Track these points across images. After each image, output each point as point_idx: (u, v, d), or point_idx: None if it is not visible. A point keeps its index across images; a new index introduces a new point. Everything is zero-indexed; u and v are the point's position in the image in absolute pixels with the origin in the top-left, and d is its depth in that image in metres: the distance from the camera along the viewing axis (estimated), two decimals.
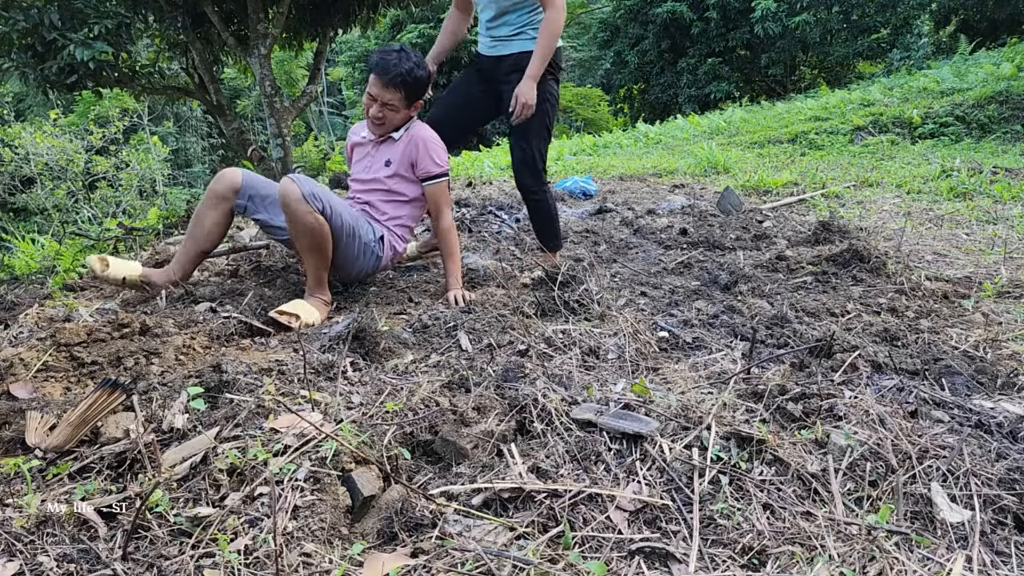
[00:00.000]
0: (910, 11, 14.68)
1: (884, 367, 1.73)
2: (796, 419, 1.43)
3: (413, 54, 2.42)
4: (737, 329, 2.08)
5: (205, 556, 1.06)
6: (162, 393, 1.59)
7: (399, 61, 2.38)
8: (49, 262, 3.88)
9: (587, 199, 5.09)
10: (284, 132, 7.85)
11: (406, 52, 2.41)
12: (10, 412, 1.50)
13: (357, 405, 1.59)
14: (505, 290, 2.52)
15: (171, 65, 8.81)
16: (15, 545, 1.08)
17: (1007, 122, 7.26)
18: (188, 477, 1.25)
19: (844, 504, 1.20)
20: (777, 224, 3.74)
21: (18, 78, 6.55)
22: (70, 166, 12.31)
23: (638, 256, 3.19)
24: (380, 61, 2.41)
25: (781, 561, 1.07)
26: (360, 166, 2.65)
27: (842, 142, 7.54)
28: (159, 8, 7.24)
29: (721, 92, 16.59)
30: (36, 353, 1.87)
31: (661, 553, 1.09)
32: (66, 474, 1.29)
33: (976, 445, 1.34)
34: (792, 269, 2.73)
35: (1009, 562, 1.08)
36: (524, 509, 1.20)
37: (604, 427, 1.37)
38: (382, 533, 1.16)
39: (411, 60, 2.40)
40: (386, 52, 2.42)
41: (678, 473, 1.26)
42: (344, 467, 1.24)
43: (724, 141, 9.07)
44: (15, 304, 2.61)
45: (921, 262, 2.85)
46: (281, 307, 2.22)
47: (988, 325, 2.04)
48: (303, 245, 2.30)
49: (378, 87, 2.42)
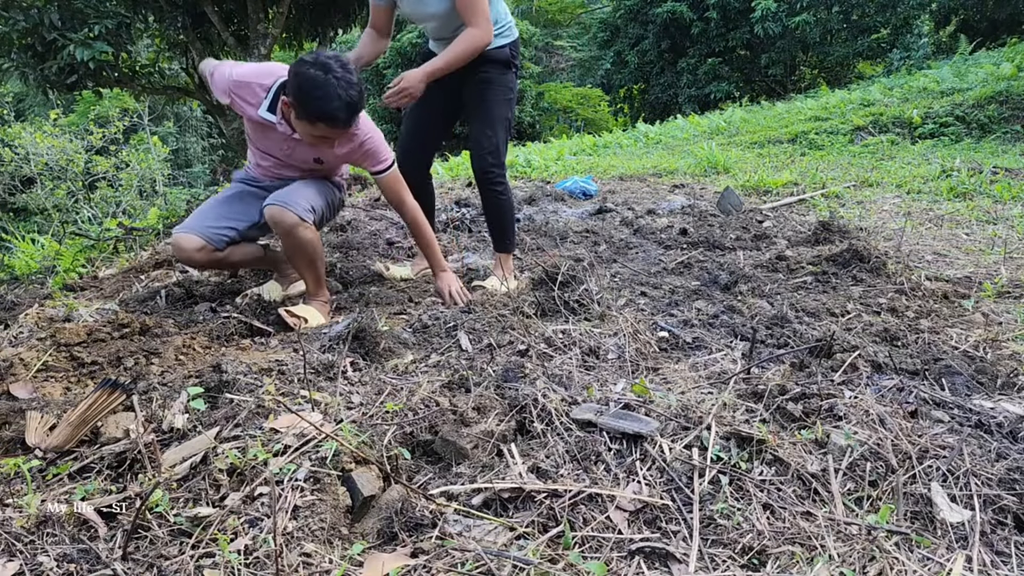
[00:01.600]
0: (910, 11, 14.68)
1: (884, 367, 1.73)
2: (796, 419, 1.43)
3: (345, 74, 2.00)
4: (737, 329, 2.08)
5: (205, 556, 1.06)
6: (162, 393, 1.59)
7: (352, 99, 2.01)
8: (49, 262, 3.88)
9: (587, 199, 5.09)
10: None
11: (343, 79, 1.99)
12: (10, 412, 1.50)
13: (357, 405, 1.59)
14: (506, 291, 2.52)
15: (171, 65, 8.82)
16: (15, 545, 1.08)
17: (1007, 122, 7.26)
18: (188, 477, 1.25)
19: (844, 504, 1.20)
20: (777, 224, 3.74)
21: (18, 78, 6.56)
22: (70, 166, 12.30)
23: (638, 256, 3.19)
24: (334, 111, 1.99)
25: (781, 561, 1.07)
26: (273, 145, 2.36)
27: (842, 142, 7.54)
28: (159, 8, 7.25)
29: (721, 92, 16.59)
30: (36, 353, 1.87)
31: (661, 553, 1.09)
32: (66, 474, 1.29)
33: (976, 445, 1.34)
34: (792, 269, 2.73)
35: (1009, 562, 1.08)
36: (524, 509, 1.20)
37: (604, 427, 1.37)
38: (382, 533, 1.16)
39: (354, 87, 2.02)
40: (327, 96, 1.96)
41: (678, 473, 1.26)
42: (344, 467, 1.24)
43: (724, 141, 9.07)
44: (15, 304, 2.61)
45: (921, 262, 2.85)
46: (291, 308, 2.22)
47: (988, 325, 2.04)
48: (302, 261, 2.31)
49: (336, 133, 2.12)
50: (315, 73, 1.98)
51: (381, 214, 4.47)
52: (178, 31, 7.62)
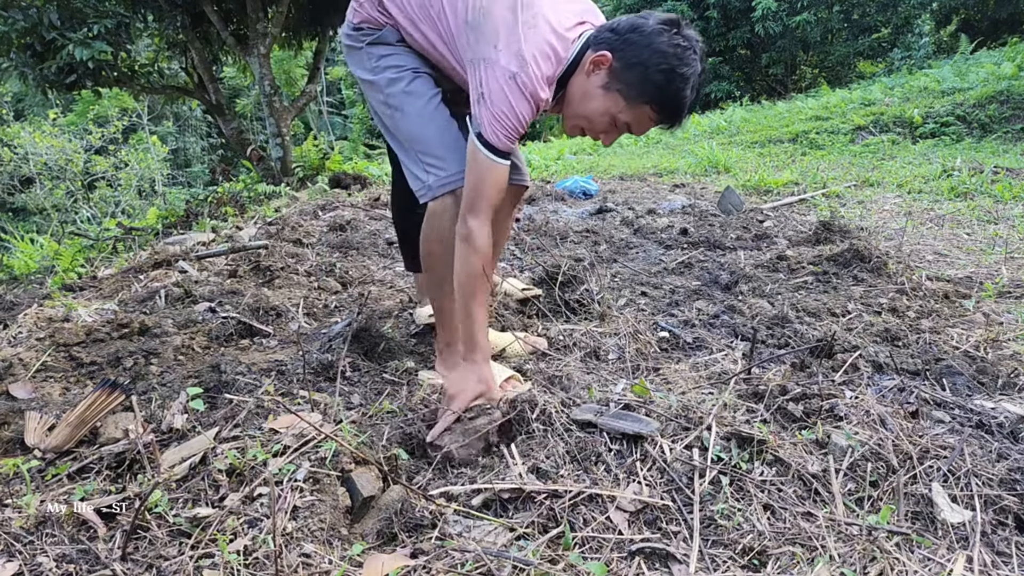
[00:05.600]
0: (911, 10, 14.66)
1: (885, 367, 1.73)
2: (797, 419, 1.43)
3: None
4: (738, 329, 2.08)
5: (204, 556, 1.06)
6: (161, 393, 1.59)
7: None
8: (48, 262, 3.88)
9: (587, 199, 5.09)
10: (283, 131, 7.86)
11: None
12: (9, 412, 1.49)
13: (357, 405, 1.59)
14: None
15: (170, 65, 8.82)
16: (14, 545, 1.08)
17: (1008, 122, 7.25)
18: (187, 477, 1.24)
19: (845, 504, 1.19)
20: (778, 224, 3.74)
21: (17, 78, 6.56)
22: (69, 166, 12.31)
23: (638, 256, 3.19)
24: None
25: (781, 562, 1.07)
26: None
27: (843, 142, 7.54)
28: (158, 8, 7.25)
29: (722, 91, 16.58)
30: (35, 353, 1.87)
31: (661, 554, 1.09)
32: (65, 474, 1.29)
33: (977, 445, 1.34)
34: (793, 269, 2.72)
35: (1010, 562, 1.08)
36: (524, 509, 1.19)
37: (604, 427, 1.37)
38: (382, 534, 1.16)
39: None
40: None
41: (678, 473, 1.26)
42: (344, 467, 1.24)
43: (725, 140, 9.07)
44: (14, 304, 2.61)
45: (922, 262, 2.85)
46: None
47: (989, 325, 2.03)
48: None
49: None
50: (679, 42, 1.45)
51: (381, 214, 4.47)
52: (177, 31, 7.62)
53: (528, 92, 1.41)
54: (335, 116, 27.50)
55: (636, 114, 1.48)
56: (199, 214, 5.46)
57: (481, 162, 1.45)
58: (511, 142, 1.46)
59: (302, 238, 3.60)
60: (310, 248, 3.43)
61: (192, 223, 4.99)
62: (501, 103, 1.41)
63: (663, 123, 1.51)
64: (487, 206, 1.49)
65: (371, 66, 1.66)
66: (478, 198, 1.48)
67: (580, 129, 1.57)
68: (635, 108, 1.47)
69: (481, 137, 1.44)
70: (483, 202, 1.48)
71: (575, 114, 1.54)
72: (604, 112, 1.49)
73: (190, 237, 3.95)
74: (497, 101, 1.41)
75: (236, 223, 4.60)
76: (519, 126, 1.44)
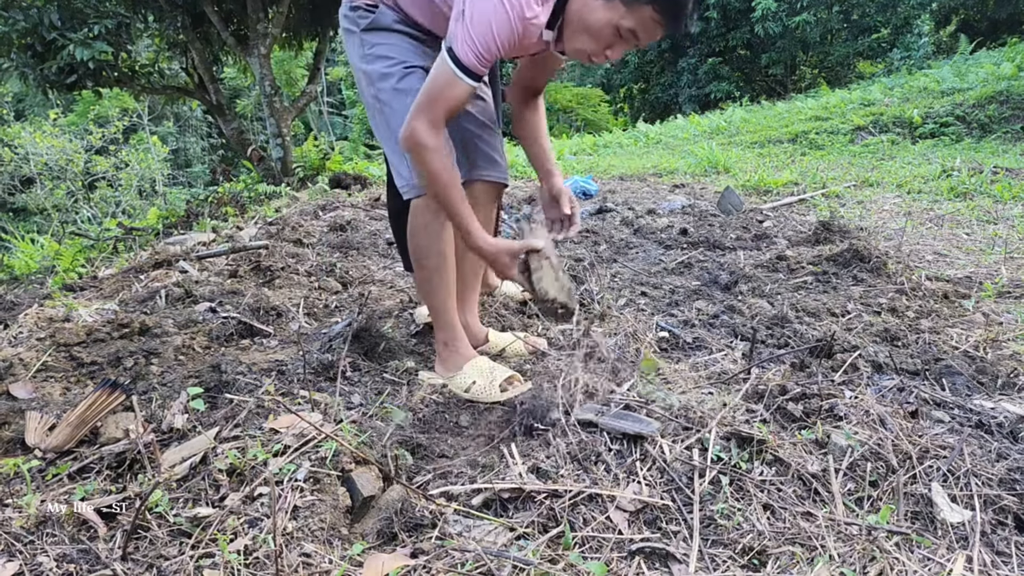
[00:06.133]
0: (910, 11, 14.67)
1: (884, 367, 1.73)
2: (796, 419, 1.43)
3: None
4: (737, 329, 2.08)
5: (205, 556, 1.06)
6: (162, 393, 1.59)
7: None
8: (48, 262, 3.89)
9: (587, 199, 5.09)
10: (284, 132, 7.86)
11: None
12: (10, 412, 1.49)
13: (357, 405, 1.59)
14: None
15: (171, 65, 8.82)
16: (15, 545, 1.08)
17: (1007, 122, 7.25)
18: (188, 477, 1.25)
19: (844, 504, 1.19)
20: (777, 224, 3.74)
21: (18, 78, 6.56)
22: (70, 166, 12.31)
23: (638, 256, 3.19)
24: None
25: (781, 561, 1.07)
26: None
27: (842, 142, 7.54)
28: (159, 8, 7.25)
29: (721, 92, 16.58)
30: (36, 353, 1.87)
31: (661, 553, 1.09)
32: (66, 474, 1.29)
33: (976, 445, 1.34)
34: (792, 269, 2.73)
35: (1009, 562, 1.08)
36: (524, 509, 1.20)
37: (605, 427, 1.37)
38: (382, 533, 1.16)
39: None
40: None
41: (678, 473, 1.26)
42: (344, 467, 1.24)
43: (724, 141, 9.07)
44: (15, 304, 2.61)
45: (921, 262, 2.85)
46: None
47: (988, 325, 2.03)
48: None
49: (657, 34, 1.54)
50: None
51: (381, 214, 4.47)
52: (178, 31, 7.62)
53: (515, 13, 1.39)
54: (335, 116, 27.50)
55: (638, 17, 1.45)
56: (199, 214, 5.46)
57: (445, 71, 1.44)
58: (481, 64, 1.43)
59: (302, 238, 3.60)
60: (310, 248, 3.43)
61: (192, 223, 4.99)
62: (480, 21, 1.39)
63: (667, 27, 1.47)
64: (437, 113, 1.46)
65: (364, 53, 1.66)
66: (430, 102, 1.46)
67: (585, 54, 1.53)
68: (636, 11, 1.44)
69: (451, 52, 1.42)
70: (434, 106, 1.46)
71: (576, 32, 1.51)
72: (606, 23, 1.46)
73: (190, 237, 3.95)
74: (477, 18, 1.39)
75: (236, 223, 4.61)
76: (494, 46, 1.42)
